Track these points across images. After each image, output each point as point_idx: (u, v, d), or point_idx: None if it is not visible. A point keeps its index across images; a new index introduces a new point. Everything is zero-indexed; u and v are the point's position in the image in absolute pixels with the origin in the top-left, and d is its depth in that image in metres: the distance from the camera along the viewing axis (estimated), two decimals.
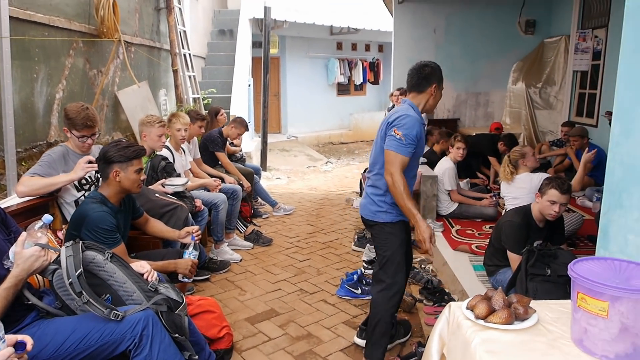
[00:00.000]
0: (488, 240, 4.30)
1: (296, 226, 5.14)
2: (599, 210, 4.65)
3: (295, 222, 5.28)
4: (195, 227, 2.78)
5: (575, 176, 3.96)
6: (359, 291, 3.36)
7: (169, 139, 4.06)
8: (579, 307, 1.22)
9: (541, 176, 3.79)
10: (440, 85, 2.50)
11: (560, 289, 2.65)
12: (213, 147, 4.95)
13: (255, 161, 8.44)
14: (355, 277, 3.43)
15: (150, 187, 3.37)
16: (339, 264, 4.05)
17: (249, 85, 9.88)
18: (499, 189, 5.85)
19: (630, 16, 1.64)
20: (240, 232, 4.62)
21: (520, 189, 3.90)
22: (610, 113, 3.98)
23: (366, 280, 3.50)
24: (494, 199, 5.01)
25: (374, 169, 2.52)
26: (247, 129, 5.29)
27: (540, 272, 2.70)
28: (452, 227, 4.69)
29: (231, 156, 6.00)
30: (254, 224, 5.12)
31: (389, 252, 2.49)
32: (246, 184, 4.99)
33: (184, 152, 4.23)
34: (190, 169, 4.38)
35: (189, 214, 3.25)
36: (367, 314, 3.01)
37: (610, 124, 4.50)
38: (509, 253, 3.08)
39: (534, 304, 1.46)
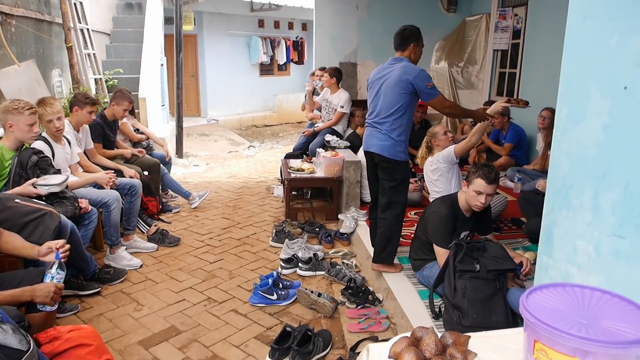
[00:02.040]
0: (414, 228, 4.09)
1: (210, 220, 4.64)
2: (521, 191, 4.51)
3: (209, 216, 4.78)
4: (60, 242, 2.21)
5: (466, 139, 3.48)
6: (275, 297, 2.97)
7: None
8: None
9: (448, 151, 3.51)
10: (418, 43, 3.11)
11: (490, 285, 2.44)
12: (93, 137, 4.20)
13: (170, 147, 7.75)
14: (270, 280, 3.03)
15: (12, 190, 2.75)
16: (254, 263, 3.62)
17: (162, 65, 9.07)
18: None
19: None
20: (143, 232, 4.05)
21: (434, 171, 3.66)
22: (521, 102, 3.69)
23: (283, 283, 3.12)
24: (419, 183, 4.79)
25: (392, 115, 3.02)
26: (131, 102, 4.50)
27: (469, 267, 2.46)
28: None
29: (136, 144, 5.36)
30: (163, 221, 4.57)
31: (402, 181, 3.11)
32: (128, 172, 4.10)
33: (68, 142, 3.57)
34: (79, 162, 3.74)
35: (61, 222, 2.66)
36: (282, 323, 2.64)
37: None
38: (435, 247, 2.81)
39: (473, 340, 1.13)
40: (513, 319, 2.39)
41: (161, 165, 4.94)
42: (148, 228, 4.04)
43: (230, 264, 3.59)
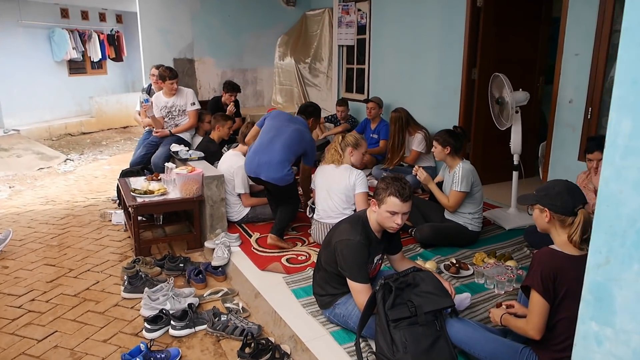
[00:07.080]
0: (302, 244, 3.57)
1: (27, 271, 3.44)
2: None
3: (25, 264, 3.56)
4: None
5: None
6: None
7: None
8: None
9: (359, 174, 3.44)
10: (317, 120, 4.04)
11: (431, 328, 2.04)
12: None
13: None
14: (140, 358, 2.20)
15: None
16: (105, 330, 2.68)
17: None
18: None
19: None
20: None
21: (337, 183, 3.38)
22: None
23: (155, 357, 2.31)
24: None
25: (286, 158, 3.53)
26: None
27: (403, 314, 2.04)
28: (251, 236, 3.80)
29: None
30: None
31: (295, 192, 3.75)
32: None
33: None
34: None
35: None
36: None
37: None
38: (350, 282, 2.32)
39: None
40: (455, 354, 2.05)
41: None
42: None
43: (70, 338, 2.59)
